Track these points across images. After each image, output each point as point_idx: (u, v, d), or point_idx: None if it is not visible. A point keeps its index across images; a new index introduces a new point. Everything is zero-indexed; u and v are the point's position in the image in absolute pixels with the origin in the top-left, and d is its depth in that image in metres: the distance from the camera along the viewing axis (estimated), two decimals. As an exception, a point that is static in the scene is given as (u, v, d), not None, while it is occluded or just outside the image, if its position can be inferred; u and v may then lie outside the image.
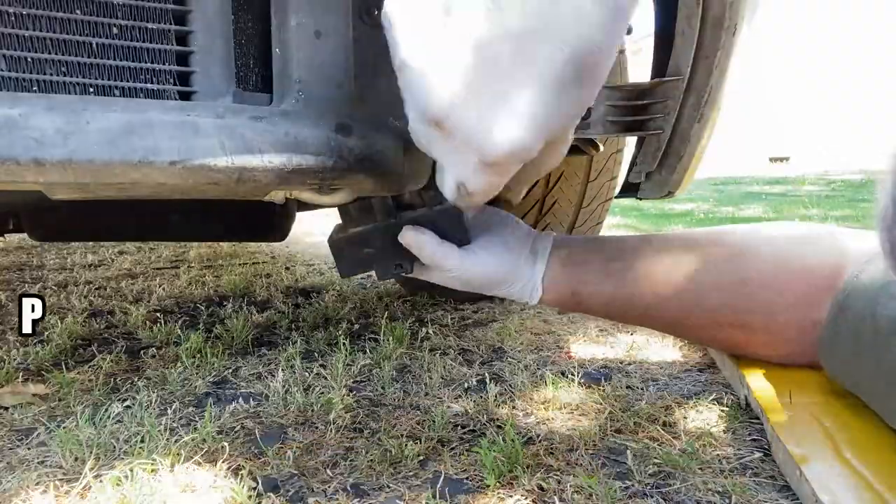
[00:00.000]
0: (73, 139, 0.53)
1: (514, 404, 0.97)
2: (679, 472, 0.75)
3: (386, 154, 0.63)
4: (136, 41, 0.58)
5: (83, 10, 0.56)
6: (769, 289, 0.84)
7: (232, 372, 1.15)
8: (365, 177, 0.64)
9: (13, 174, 0.52)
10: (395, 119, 0.64)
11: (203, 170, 0.57)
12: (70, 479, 0.76)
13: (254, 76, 0.64)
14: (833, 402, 0.82)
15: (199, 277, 2.04)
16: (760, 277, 0.84)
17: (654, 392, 1.00)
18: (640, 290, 0.87)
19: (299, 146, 0.60)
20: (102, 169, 0.55)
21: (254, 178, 0.60)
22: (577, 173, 1.54)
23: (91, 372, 1.14)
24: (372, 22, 0.63)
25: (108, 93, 0.58)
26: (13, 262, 2.44)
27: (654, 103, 0.76)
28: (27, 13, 0.54)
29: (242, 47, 0.63)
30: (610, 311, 0.92)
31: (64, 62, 0.56)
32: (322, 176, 0.62)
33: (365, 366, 1.15)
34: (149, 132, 0.55)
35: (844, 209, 4.67)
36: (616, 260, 0.89)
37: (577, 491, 0.71)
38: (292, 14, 0.61)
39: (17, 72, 0.54)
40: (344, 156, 0.62)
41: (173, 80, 0.60)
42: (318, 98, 0.62)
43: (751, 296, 0.84)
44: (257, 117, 0.59)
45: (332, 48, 0.62)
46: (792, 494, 0.70)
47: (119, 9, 0.57)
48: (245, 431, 0.90)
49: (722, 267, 0.86)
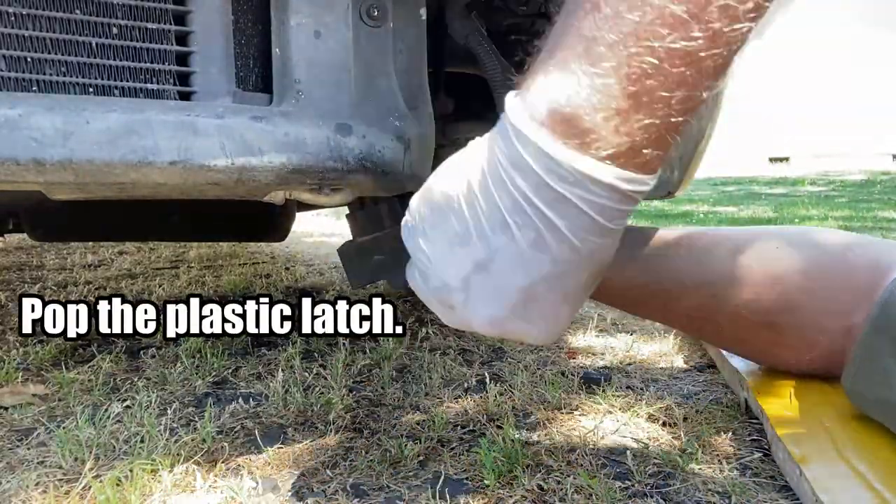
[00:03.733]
0: (73, 139, 0.53)
1: (514, 404, 0.97)
2: (679, 472, 0.75)
3: (386, 154, 0.63)
4: (136, 41, 0.58)
5: (83, 10, 0.56)
6: (803, 290, 0.80)
7: (232, 372, 1.15)
8: (365, 177, 0.64)
9: (13, 174, 0.53)
10: (395, 119, 0.64)
11: (203, 170, 0.57)
12: (70, 479, 0.76)
13: (254, 76, 0.64)
14: (833, 403, 0.82)
15: (199, 277, 2.04)
16: (795, 278, 0.80)
17: (654, 392, 1.00)
18: (662, 279, 0.84)
19: (299, 146, 0.60)
20: (102, 169, 0.55)
21: (254, 179, 0.60)
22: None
23: (91, 372, 1.14)
24: (372, 22, 0.63)
25: (107, 93, 0.58)
26: (13, 262, 2.44)
27: (654, 103, 0.76)
28: (27, 13, 0.54)
29: (242, 47, 0.63)
30: (627, 299, 0.88)
31: (64, 62, 0.56)
32: (322, 176, 0.62)
33: (365, 366, 1.15)
34: (148, 132, 0.55)
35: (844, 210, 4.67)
36: (640, 246, 0.85)
37: (577, 491, 0.71)
38: (292, 14, 0.61)
39: (16, 72, 0.54)
40: (344, 156, 0.62)
41: (173, 80, 0.60)
42: (318, 98, 0.62)
43: (782, 294, 0.81)
44: (257, 117, 0.59)
45: (332, 48, 0.62)
46: (792, 494, 0.70)
47: (119, 9, 0.57)
48: (245, 431, 0.90)
49: (754, 263, 0.82)
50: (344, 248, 0.84)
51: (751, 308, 0.82)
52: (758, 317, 0.82)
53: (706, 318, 0.86)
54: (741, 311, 0.82)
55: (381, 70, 0.65)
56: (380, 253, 0.82)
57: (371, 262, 0.83)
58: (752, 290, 0.81)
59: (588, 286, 0.53)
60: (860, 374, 0.75)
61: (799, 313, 0.81)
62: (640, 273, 0.84)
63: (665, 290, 0.84)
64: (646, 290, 0.85)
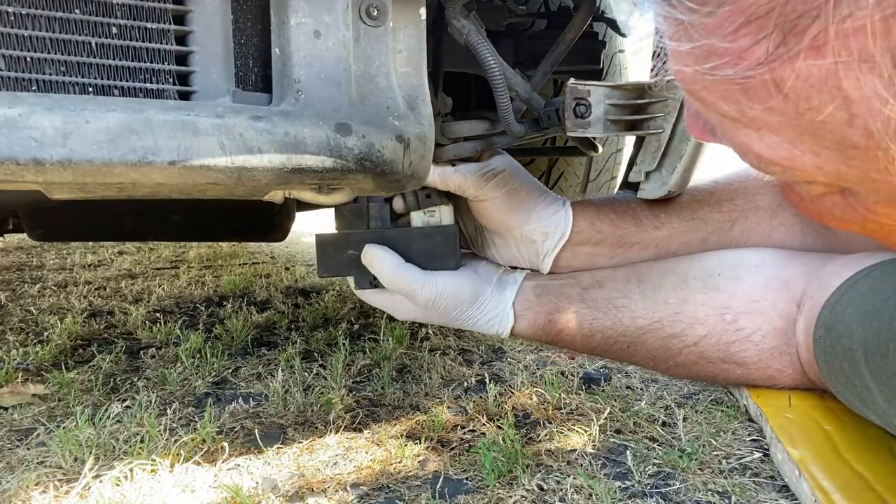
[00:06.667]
0: (73, 139, 0.53)
1: (514, 404, 0.97)
2: (679, 472, 0.75)
3: (385, 154, 0.63)
4: (136, 41, 0.58)
5: (82, 10, 0.56)
6: (752, 314, 0.75)
7: (232, 372, 1.15)
8: (364, 177, 0.64)
9: (12, 174, 0.52)
10: (395, 118, 0.64)
11: (202, 170, 0.57)
12: (70, 479, 0.76)
13: (253, 76, 0.64)
14: (832, 405, 0.82)
15: (199, 277, 2.04)
16: (741, 303, 0.76)
17: (653, 392, 1.00)
18: (621, 321, 0.80)
19: (299, 146, 0.60)
20: (102, 169, 0.55)
21: (253, 178, 0.60)
22: (577, 173, 1.54)
23: (91, 372, 1.14)
24: (372, 22, 0.63)
25: (107, 92, 0.58)
26: (13, 262, 2.44)
27: (654, 102, 0.76)
28: (27, 13, 0.54)
29: (242, 47, 0.63)
30: (593, 344, 0.83)
31: (63, 62, 0.56)
32: (321, 176, 0.62)
33: (365, 366, 1.15)
34: (148, 132, 0.55)
35: (844, 209, 4.65)
36: (593, 288, 0.83)
37: (577, 491, 0.71)
38: (292, 14, 0.61)
39: (16, 71, 0.54)
40: (343, 156, 0.61)
41: (173, 79, 0.60)
42: (317, 98, 0.62)
43: (734, 324, 0.76)
44: (257, 117, 0.59)
45: (332, 48, 0.62)
46: (791, 495, 0.70)
47: (118, 8, 0.57)
48: (245, 431, 0.90)
49: (700, 296, 0.78)
50: (320, 237, 0.85)
51: (709, 341, 0.77)
52: (720, 353, 0.77)
53: (671, 359, 0.81)
54: (703, 350, 0.78)
55: (381, 70, 0.64)
56: (352, 249, 0.82)
57: (342, 257, 0.83)
58: (704, 326, 0.77)
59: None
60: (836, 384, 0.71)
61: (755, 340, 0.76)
62: (595, 316, 0.82)
63: (624, 335, 0.81)
64: (607, 336, 0.82)
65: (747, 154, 0.40)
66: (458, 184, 0.80)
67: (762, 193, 0.85)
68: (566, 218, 0.84)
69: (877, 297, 0.63)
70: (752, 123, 0.37)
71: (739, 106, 0.36)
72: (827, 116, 0.34)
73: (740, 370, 0.78)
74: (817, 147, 0.36)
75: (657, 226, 0.86)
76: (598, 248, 0.86)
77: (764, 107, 0.35)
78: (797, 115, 0.34)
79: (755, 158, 0.39)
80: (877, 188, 0.38)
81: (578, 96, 0.73)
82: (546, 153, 1.48)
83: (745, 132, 0.38)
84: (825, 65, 0.32)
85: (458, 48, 0.76)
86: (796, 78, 0.33)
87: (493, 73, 0.73)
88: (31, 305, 1.68)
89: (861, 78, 0.31)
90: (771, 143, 0.37)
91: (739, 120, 0.37)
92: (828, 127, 0.34)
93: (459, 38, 0.74)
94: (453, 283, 0.81)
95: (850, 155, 0.35)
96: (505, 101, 0.75)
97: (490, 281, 0.84)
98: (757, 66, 0.33)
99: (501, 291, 0.84)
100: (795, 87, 0.33)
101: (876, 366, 0.60)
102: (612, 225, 0.85)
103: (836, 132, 0.34)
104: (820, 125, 0.34)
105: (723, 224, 0.85)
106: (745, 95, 0.35)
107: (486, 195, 0.81)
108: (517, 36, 0.96)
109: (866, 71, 0.31)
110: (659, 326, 0.79)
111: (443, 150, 0.80)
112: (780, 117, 0.35)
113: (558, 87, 1.42)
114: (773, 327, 0.75)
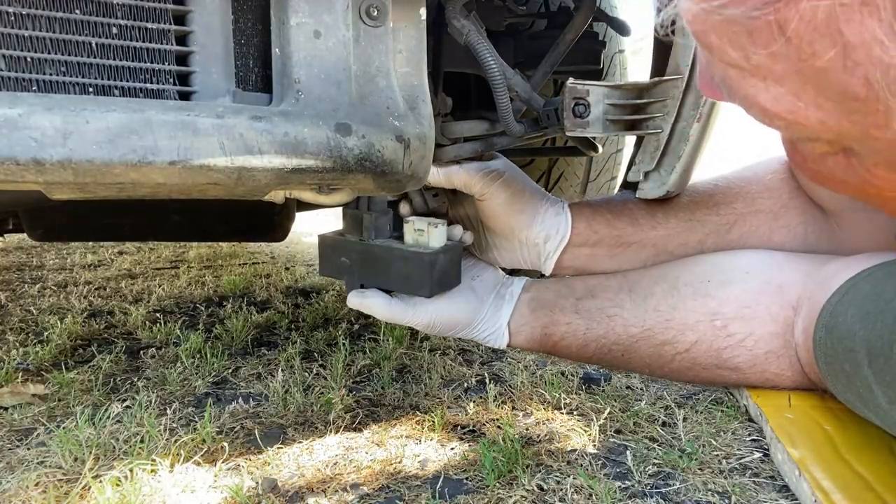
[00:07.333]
0: (73, 139, 0.53)
1: (514, 404, 0.97)
2: (679, 472, 0.75)
3: (385, 154, 0.63)
4: (136, 41, 0.58)
5: (83, 10, 0.56)
6: (744, 319, 0.75)
7: (232, 372, 1.15)
8: (364, 177, 0.64)
9: (13, 174, 0.52)
10: (395, 118, 0.64)
11: (202, 170, 0.57)
12: (69, 479, 0.76)
13: (253, 76, 0.64)
14: (832, 405, 0.82)
15: (199, 277, 2.04)
16: (731, 309, 0.76)
17: (653, 392, 1.00)
18: (614, 330, 0.81)
19: (299, 146, 0.60)
20: (102, 169, 0.55)
21: (253, 178, 0.60)
22: (576, 174, 1.54)
23: (90, 372, 1.14)
24: (372, 22, 0.63)
25: (107, 92, 0.58)
26: (13, 262, 2.44)
27: (654, 102, 0.76)
28: (27, 13, 0.54)
29: (242, 47, 0.63)
30: (588, 353, 0.84)
31: (63, 62, 0.56)
32: (321, 176, 0.62)
33: (365, 366, 1.15)
34: (148, 132, 0.55)
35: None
36: (586, 298, 0.84)
37: (577, 491, 0.71)
38: (292, 14, 0.61)
39: (16, 71, 0.54)
40: (343, 156, 0.61)
41: (173, 79, 0.60)
42: (317, 98, 0.62)
43: (724, 330, 0.76)
44: (257, 117, 0.59)
45: (332, 48, 0.62)
46: (791, 495, 0.70)
47: (118, 8, 0.57)
48: (245, 431, 0.90)
49: (690, 302, 0.78)
50: (322, 238, 0.85)
51: (701, 348, 0.78)
52: (713, 359, 0.78)
53: (666, 366, 0.81)
54: (695, 357, 0.78)
55: (381, 69, 0.64)
56: (347, 257, 0.82)
57: (336, 261, 0.83)
58: (695, 333, 0.77)
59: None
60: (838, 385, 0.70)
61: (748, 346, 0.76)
62: (588, 326, 0.82)
63: (618, 343, 0.81)
64: (602, 343, 0.82)
65: (753, 107, 0.40)
66: (464, 181, 0.80)
67: (764, 197, 0.85)
68: (566, 220, 0.85)
69: (880, 298, 0.63)
70: (757, 71, 0.38)
71: (745, 52, 0.37)
72: (828, 62, 0.34)
73: (735, 375, 0.78)
74: (820, 98, 0.37)
75: (654, 226, 0.86)
76: (597, 249, 0.86)
77: (768, 52, 0.35)
78: (799, 62, 0.35)
79: (760, 111, 0.40)
80: (877, 147, 0.39)
81: (577, 96, 0.73)
82: (546, 153, 1.48)
83: (751, 82, 0.39)
84: (827, 6, 0.32)
85: (458, 48, 0.76)
86: (799, 20, 0.33)
87: (493, 73, 0.73)
88: (31, 305, 1.68)
89: (861, 22, 0.32)
90: (776, 95, 0.38)
91: (745, 68, 0.38)
92: (830, 75, 0.35)
93: (459, 38, 0.74)
94: (448, 308, 0.82)
95: (851, 108, 0.36)
96: (505, 102, 0.75)
97: (486, 299, 0.85)
98: (763, 6, 0.34)
99: (497, 311, 0.85)
100: (798, 30, 0.34)
101: (879, 368, 0.60)
102: (609, 225, 0.86)
103: (838, 82, 0.35)
104: (822, 73, 0.35)
105: (720, 227, 0.85)
106: (749, 39, 0.36)
107: (493, 194, 0.82)
108: (517, 36, 0.96)
109: (867, 14, 0.32)
110: (650, 334, 0.79)
111: (443, 151, 0.80)
112: (783, 64, 0.36)
113: (558, 87, 1.43)
114: (767, 331, 0.75)
